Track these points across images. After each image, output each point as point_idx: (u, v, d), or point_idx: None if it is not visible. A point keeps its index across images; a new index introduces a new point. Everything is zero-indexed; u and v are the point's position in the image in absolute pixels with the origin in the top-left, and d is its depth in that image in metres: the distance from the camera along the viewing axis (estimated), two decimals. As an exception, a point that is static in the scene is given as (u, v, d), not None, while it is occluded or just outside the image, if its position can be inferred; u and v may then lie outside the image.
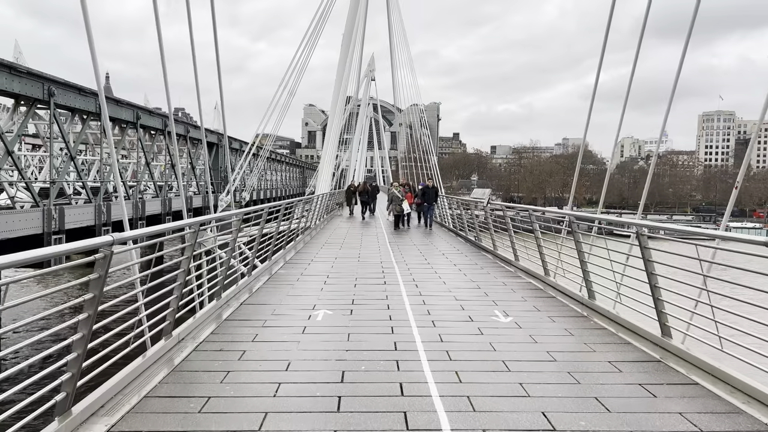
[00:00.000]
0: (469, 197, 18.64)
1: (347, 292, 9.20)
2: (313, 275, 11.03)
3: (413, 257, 13.68)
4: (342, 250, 15.00)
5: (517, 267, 12.29)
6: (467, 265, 12.73)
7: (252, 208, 11.26)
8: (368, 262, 12.80)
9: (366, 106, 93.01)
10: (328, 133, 40.39)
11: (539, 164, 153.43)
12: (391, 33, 56.36)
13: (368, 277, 10.68)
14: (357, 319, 7.40)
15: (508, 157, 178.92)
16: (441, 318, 7.49)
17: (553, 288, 9.85)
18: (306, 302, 8.42)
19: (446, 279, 10.66)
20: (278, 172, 77.00)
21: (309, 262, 12.91)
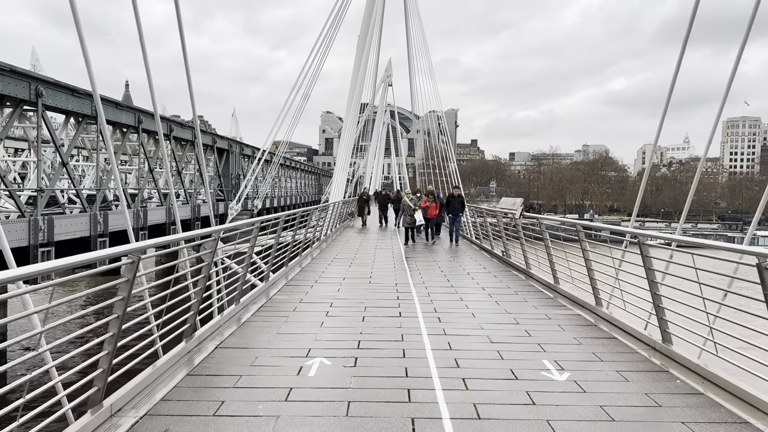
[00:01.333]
0: (497, 207, 16.43)
1: (353, 330, 7.35)
2: (315, 302, 9.20)
3: (434, 278, 11.79)
4: (352, 268, 13.17)
5: (557, 292, 10.37)
6: (498, 288, 10.82)
7: (243, 222, 9.50)
8: (381, 284, 10.94)
9: (383, 113, 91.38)
10: (342, 138, 38.75)
11: (559, 171, 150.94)
12: (409, 38, 54.71)
13: (380, 307, 8.82)
14: (362, 375, 5.54)
15: (527, 164, 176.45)
16: (475, 374, 5.61)
17: (608, 323, 7.93)
18: (299, 345, 6.60)
19: (475, 309, 8.76)
20: (293, 179, 75.54)
21: (313, 283, 11.10)
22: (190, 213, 31.24)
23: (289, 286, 10.70)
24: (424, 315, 8.22)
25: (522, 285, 11.27)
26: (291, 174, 72.62)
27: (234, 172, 42.25)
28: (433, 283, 11.17)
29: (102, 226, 21.49)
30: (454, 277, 12.22)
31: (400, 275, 11.97)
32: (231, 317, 8.02)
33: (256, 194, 46.32)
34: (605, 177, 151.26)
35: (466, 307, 8.92)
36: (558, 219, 12.18)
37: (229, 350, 6.39)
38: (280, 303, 9.14)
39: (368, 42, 39.04)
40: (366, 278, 11.67)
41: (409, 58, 58.09)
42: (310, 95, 34.82)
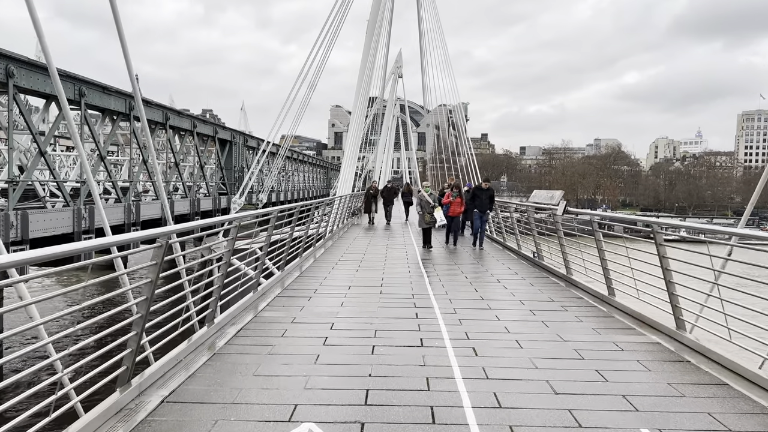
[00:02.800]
0: (532, 202, 14.14)
1: (358, 371, 5.31)
2: (311, 323, 7.21)
3: (459, 288, 9.72)
4: (359, 274, 11.16)
5: (614, 306, 8.32)
6: (539, 302, 8.76)
7: (214, 220, 7.55)
8: (395, 296, 8.91)
9: (393, 105, 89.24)
10: (351, 128, 36.75)
11: (571, 165, 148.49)
12: (421, 29, 52.61)
13: (395, 330, 6.80)
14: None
15: (538, 158, 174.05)
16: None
17: (705, 358, 5.88)
18: (281, 397, 4.61)
19: (519, 335, 6.71)
20: (301, 173, 73.60)
21: (311, 293, 9.12)
22: (189, 207, 29.34)
23: (282, 297, 8.72)
24: (453, 344, 6.20)
25: (567, 297, 9.21)
26: (299, 167, 70.67)
27: (237, 165, 40.33)
28: (459, 294, 9.14)
29: (88, 222, 19.63)
30: (482, 286, 10.16)
31: (418, 284, 9.93)
32: (201, 343, 6.06)
33: (261, 188, 44.37)
34: (617, 171, 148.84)
35: (506, 331, 6.89)
36: (622, 216, 9.97)
37: (179, 408, 4.39)
38: (267, 324, 7.16)
39: (377, 27, 36.99)
40: (376, 287, 9.66)
41: (421, 49, 56.10)
42: (317, 87, 32.76)
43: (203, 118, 33.54)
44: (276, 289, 9.37)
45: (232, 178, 39.09)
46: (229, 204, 36.67)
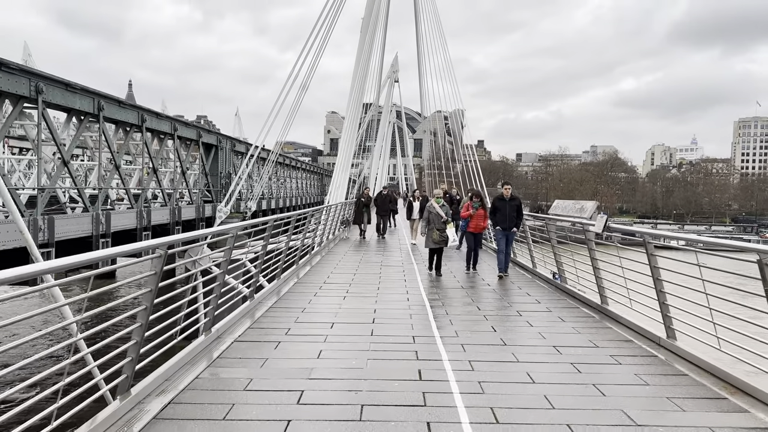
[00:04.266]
0: (552, 214, 11.86)
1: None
2: (273, 390, 5.10)
3: (471, 328, 7.60)
4: (343, 313, 8.55)
5: (676, 354, 6.29)
6: (580, 347, 6.69)
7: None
8: (390, 344, 6.81)
9: (389, 110, 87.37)
10: (343, 132, 34.77)
11: (568, 172, 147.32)
12: (418, 36, 50.67)
13: (390, 406, 4.72)
14: None
15: (534, 165, 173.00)
16: None
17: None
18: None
19: (569, 411, 4.64)
20: (295, 179, 71.48)
21: (282, 335, 7.03)
22: (168, 216, 27.20)
23: (242, 343, 6.63)
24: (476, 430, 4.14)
25: (611, 339, 7.13)
26: (291, 174, 68.55)
27: (224, 171, 38.19)
28: (474, 337, 7.03)
29: (47, 233, 17.57)
30: (501, 322, 8.02)
31: (420, 325, 7.81)
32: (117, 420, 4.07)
33: (250, 195, 42.21)
34: (614, 178, 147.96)
35: (548, 404, 4.81)
36: (689, 236, 7.68)
37: None
38: (211, 391, 5.07)
39: (372, 24, 35.07)
40: (365, 326, 7.58)
41: (419, 55, 54.09)
42: (313, 94, 30.90)
43: (185, 121, 31.45)
44: (239, 327, 7.30)
45: (218, 184, 36.95)
46: (215, 213, 34.55)
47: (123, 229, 22.67)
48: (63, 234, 18.45)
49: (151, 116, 25.47)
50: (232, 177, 38.26)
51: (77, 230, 19.34)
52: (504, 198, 12.20)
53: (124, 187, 24.25)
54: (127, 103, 22.92)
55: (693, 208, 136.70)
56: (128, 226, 23.16)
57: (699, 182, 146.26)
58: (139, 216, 23.90)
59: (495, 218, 12.22)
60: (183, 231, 28.00)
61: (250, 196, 41.53)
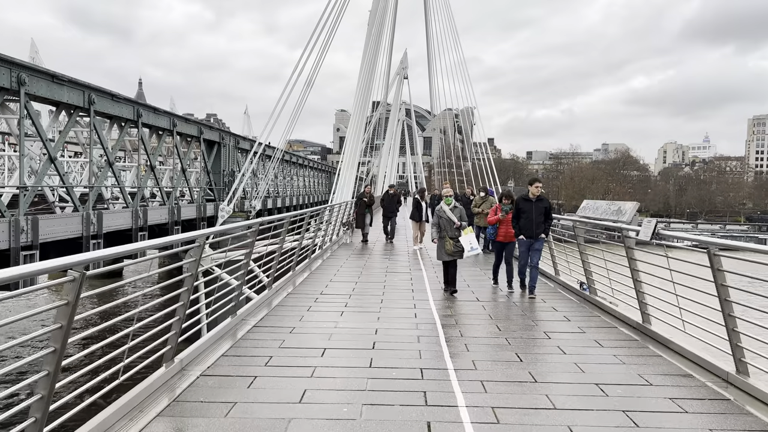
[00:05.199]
0: (581, 216, 10.20)
1: None
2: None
3: (504, 379, 6.15)
4: (329, 353, 6.22)
5: (745, 393, 4.98)
6: (630, 387, 5.37)
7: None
8: (392, 377, 5.54)
9: (398, 108, 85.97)
10: (349, 130, 33.55)
11: (580, 170, 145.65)
12: (428, 33, 49.35)
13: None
14: None
15: (545, 163, 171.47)
16: None
17: None
18: None
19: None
20: (303, 177, 70.26)
21: (261, 365, 5.77)
22: (167, 216, 26.01)
23: (210, 378, 5.36)
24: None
25: (663, 372, 5.80)
26: (299, 172, 67.34)
27: (228, 169, 37.00)
28: (503, 385, 5.68)
29: (30, 236, 16.42)
30: (537, 359, 6.56)
31: (430, 352, 6.46)
32: None
33: (256, 193, 41.00)
34: (627, 176, 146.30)
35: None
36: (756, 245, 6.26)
37: None
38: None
39: (379, 16, 33.80)
40: (364, 354, 6.30)
41: (429, 52, 52.74)
42: (323, 92, 30.05)
43: (186, 117, 30.24)
44: (213, 353, 6.05)
45: (221, 183, 35.75)
46: (217, 212, 33.40)
47: (117, 229, 21.50)
48: (49, 235, 17.30)
49: (147, 111, 24.27)
50: (236, 175, 37.09)
51: (65, 231, 18.17)
52: (530, 198, 9.89)
53: (119, 186, 23.07)
54: (121, 96, 21.71)
55: (706, 206, 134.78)
56: (122, 226, 21.96)
57: (712, 180, 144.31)
58: (135, 215, 22.71)
59: (518, 223, 10.01)
60: (183, 231, 26.83)
61: (255, 195, 40.36)
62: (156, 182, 26.58)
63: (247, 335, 6.95)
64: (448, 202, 10.30)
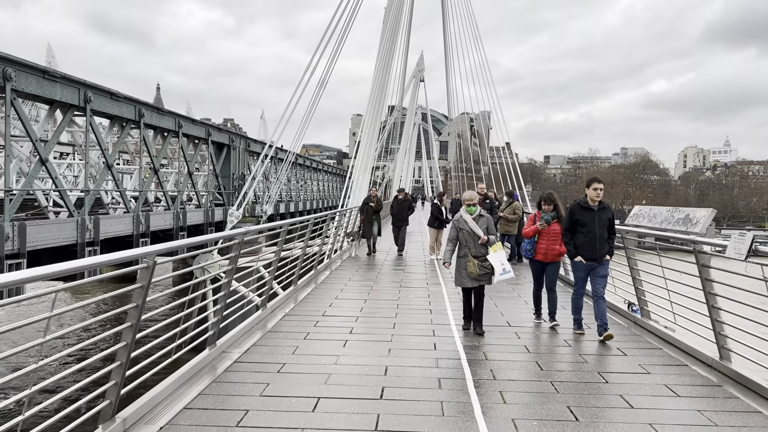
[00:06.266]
0: (633, 225, 8.05)
1: None
2: None
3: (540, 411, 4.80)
4: (323, 406, 4.65)
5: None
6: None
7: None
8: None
9: (413, 111, 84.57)
10: (363, 132, 32.17)
11: (599, 174, 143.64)
12: (445, 35, 47.90)
13: None
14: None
15: (563, 167, 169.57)
16: None
17: None
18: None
19: None
20: (318, 181, 69.02)
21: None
22: (171, 221, 24.78)
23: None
24: None
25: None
26: (313, 176, 66.12)
27: (237, 172, 35.79)
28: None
29: (17, 243, 15.22)
30: (599, 414, 4.88)
31: (455, 404, 4.86)
32: None
33: (267, 198, 39.72)
34: (646, 180, 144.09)
35: None
36: None
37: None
38: None
39: (393, 20, 32.47)
40: (368, 408, 4.82)
41: (446, 54, 51.21)
42: (337, 93, 28.68)
43: (192, 118, 29.04)
44: (173, 406, 4.63)
45: (230, 186, 34.53)
46: (226, 217, 32.18)
47: (116, 235, 20.28)
48: (38, 242, 16.11)
49: (150, 111, 23.06)
50: (246, 179, 35.88)
51: (57, 238, 16.96)
52: (589, 206, 7.31)
53: (118, 190, 21.85)
54: (120, 95, 20.49)
55: (729, 211, 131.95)
56: (123, 232, 20.74)
57: (734, 185, 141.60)
58: (136, 221, 21.48)
59: (574, 240, 7.35)
60: (189, 236, 25.59)
61: (266, 199, 39.10)
62: (160, 186, 25.36)
63: (224, 376, 5.53)
64: (470, 210, 7.73)
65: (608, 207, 7.54)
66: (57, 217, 18.92)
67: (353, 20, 29.01)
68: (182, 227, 25.75)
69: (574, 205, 7.48)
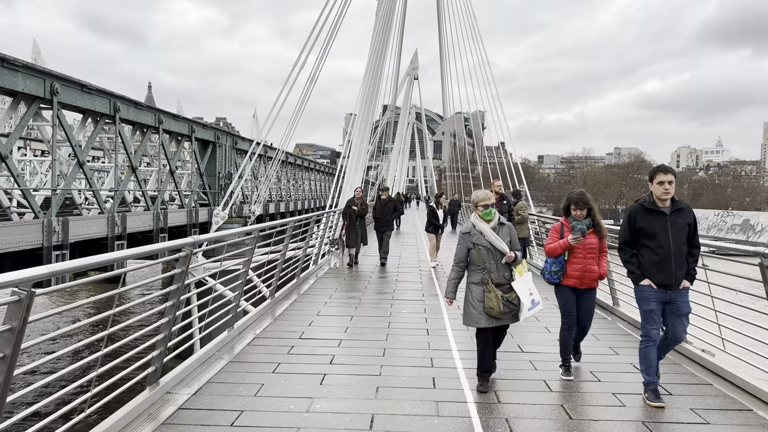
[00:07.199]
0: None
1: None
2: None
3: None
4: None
5: None
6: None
7: None
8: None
9: (407, 110, 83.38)
10: (355, 129, 30.95)
11: (593, 174, 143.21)
12: (441, 34, 46.61)
13: None
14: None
15: (557, 167, 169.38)
16: None
17: None
18: None
19: None
20: (310, 181, 67.56)
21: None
22: (151, 222, 23.38)
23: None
24: None
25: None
26: (304, 175, 64.66)
27: (224, 171, 34.38)
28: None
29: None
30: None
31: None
32: None
33: (257, 198, 38.32)
34: (640, 180, 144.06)
35: None
36: None
37: None
38: None
39: (385, 16, 31.20)
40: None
41: (441, 53, 49.91)
42: (331, 93, 27.50)
43: (174, 113, 27.61)
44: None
45: (216, 186, 33.13)
46: (211, 217, 30.79)
47: (88, 238, 18.89)
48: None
49: (127, 105, 21.65)
50: (234, 178, 34.51)
51: (18, 242, 15.58)
52: (658, 208, 5.07)
53: (91, 189, 20.44)
54: (92, 87, 19.09)
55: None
56: (96, 234, 19.33)
57: (728, 185, 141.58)
58: (111, 222, 20.08)
59: (638, 257, 5.15)
60: (171, 238, 24.21)
61: (255, 199, 37.70)
62: (139, 185, 23.97)
63: (161, 431, 4.21)
64: (487, 216, 5.43)
65: (687, 208, 5.19)
66: (21, 219, 17.53)
67: (344, 14, 27.81)
68: (163, 229, 24.35)
69: (636, 208, 5.23)
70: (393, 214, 15.40)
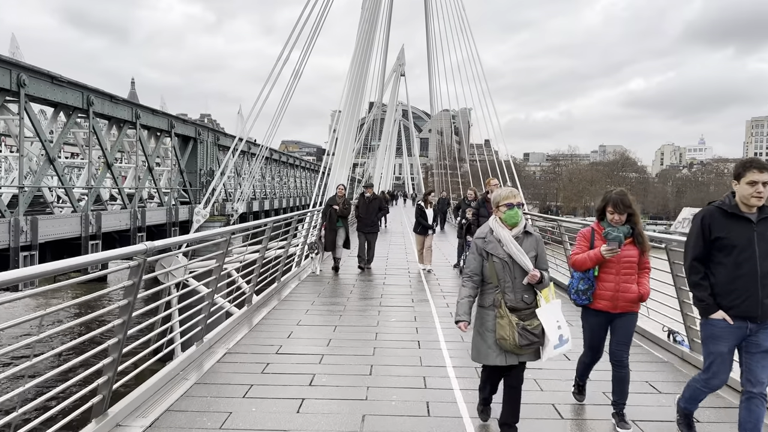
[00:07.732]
0: (679, 232, 4.78)
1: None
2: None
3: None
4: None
5: None
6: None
7: None
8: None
9: (394, 107, 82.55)
10: (339, 126, 30.19)
11: (578, 172, 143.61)
12: (428, 30, 45.90)
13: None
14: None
15: (542, 164, 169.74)
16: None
17: None
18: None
19: None
20: (296, 178, 66.66)
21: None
22: (128, 221, 22.48)
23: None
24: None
25: None
26: (290, 172, 63.73)
27: (205, 168, 33.45)
28: None
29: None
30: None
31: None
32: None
33: (240, 195, 37.40)
34: (625, 178, 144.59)
35: None
36: None
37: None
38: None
39: (372, 9, 30.45)
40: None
41: (428, 50, 49.20)
42: (318, 90, 26.67)
43: (153, 108, 26.58)
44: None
45: (197, 183, 32.21)
46: (192, 216, 29.88)
47: (60, 238, 17.98)
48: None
49: (101, 98, 20.73)
50: (216, 175, 33.58)
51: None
52: (743, 214, 3.89)
53: (63, 186, 19.52)
54: (63, 79, 18.16)
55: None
56: (68, 233, 18.43)
57: (711, 182, 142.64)
58: (85, 221, 19.16)
59: (710, 278, 3.98)
60: (150, 238, 23.31)
61: (238, 196, 36.80)
62: (115, 182, 23.04)
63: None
64: (511, 219, 4.25)
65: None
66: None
67: (329, 8, 27.00)
68: (141, 228, 23.46)
69: (711, 211, 4.02)
70: (378, 214, 14.29)
